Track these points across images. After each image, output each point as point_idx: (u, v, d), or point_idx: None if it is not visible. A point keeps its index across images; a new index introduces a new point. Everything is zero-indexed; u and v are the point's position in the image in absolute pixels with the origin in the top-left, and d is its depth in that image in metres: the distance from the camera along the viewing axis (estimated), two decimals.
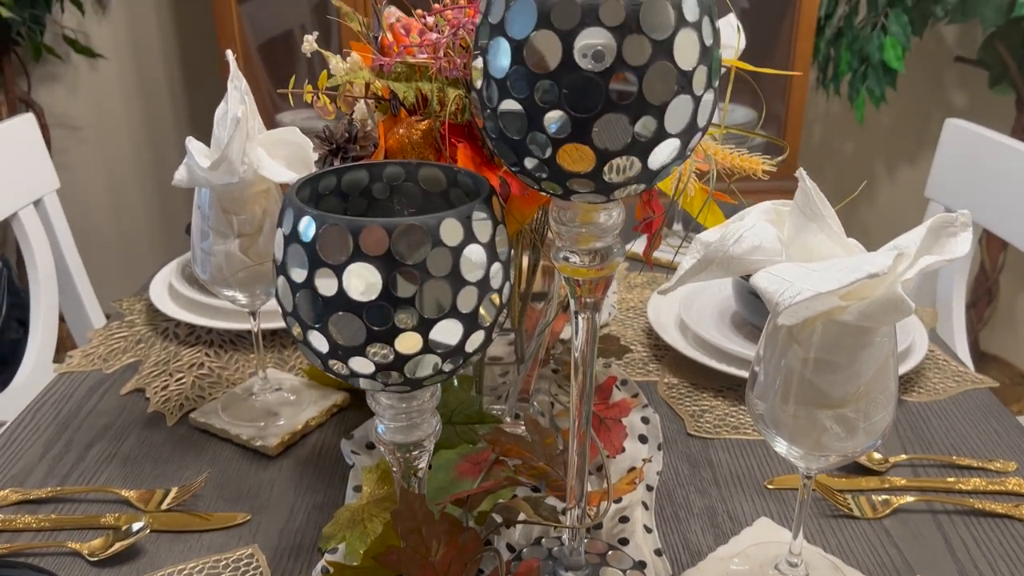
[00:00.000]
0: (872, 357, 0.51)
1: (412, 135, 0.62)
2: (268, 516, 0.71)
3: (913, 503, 0.72)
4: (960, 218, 0.50)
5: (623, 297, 1.12)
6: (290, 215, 0.45)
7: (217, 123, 0.72)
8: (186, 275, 1.08)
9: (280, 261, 0.46)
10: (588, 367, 0.56)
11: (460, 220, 0.45)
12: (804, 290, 0.46)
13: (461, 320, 0.46)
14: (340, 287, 0.44)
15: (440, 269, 0.44)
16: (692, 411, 0.86)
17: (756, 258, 0.50)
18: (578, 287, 0.53)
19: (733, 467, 0.77)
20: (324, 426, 0.84)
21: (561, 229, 0.52)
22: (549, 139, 0.43)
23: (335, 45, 1.88)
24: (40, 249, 1.21)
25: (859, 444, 0.53)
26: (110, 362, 0.95)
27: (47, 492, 0.73)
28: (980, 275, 2.13)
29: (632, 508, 0.70)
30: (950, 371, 0.93)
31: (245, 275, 0.75)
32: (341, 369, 0.47)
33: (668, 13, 0.41)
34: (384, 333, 0.45)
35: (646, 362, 0.96)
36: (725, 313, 1.02)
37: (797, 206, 0.51)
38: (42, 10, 1.97)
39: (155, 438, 0.82)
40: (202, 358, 0.96)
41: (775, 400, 0.54)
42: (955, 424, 0.84)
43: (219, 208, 0.73)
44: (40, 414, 0.85)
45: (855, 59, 1.83)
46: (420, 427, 0.54)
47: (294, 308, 0.46)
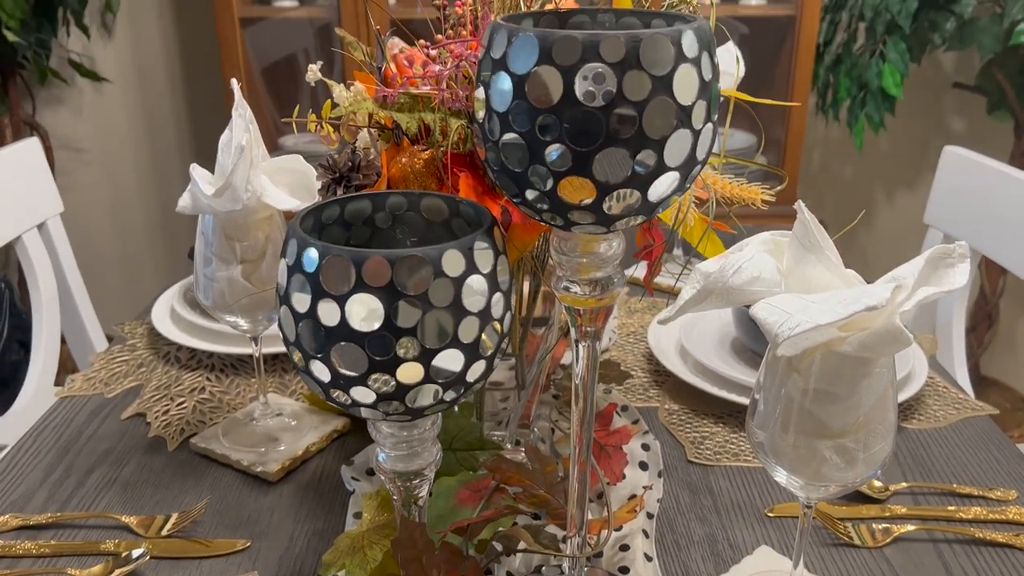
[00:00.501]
0: (871, 388, 0.51)
1: (415, 164, 0.63)
2: (268, 542, 0.71)
3: (914, 532, 0.72)
4: (958, 249, 0.51)
5: (624, 322, 1.12)
6: (294, 245, 0.46)
7: (221, 150, 0.73)
8: (188, 299, 1.08)
9: (284, 290, 0.47)
10: (588, 394, 0.57)
11: (462, 251, 0.45)
12: (803, 322, 0.46)
13: (462, 350, 0.46)
14: (343, 317, 0.44)
15: (442, 299, 0.45)
16: (692, 438, 0.86)
17: (755, 289, 0.50)
18: (579, 316, 0.53)
19: (733, 495, 0.77)
20: (324, 452, 0.84)
21: (562, 259, 0.52)
22: (550, 171, 0.44)
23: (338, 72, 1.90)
24: (43, 272, 1.22)
25: (859, 474, 0.53)
26: (111, 386, 0.95)
27: (47, 518, 0.73)
28: (980, 300, 2.14)
29: (632, 536, 0.70)
30: (950, 398, 0.93)
31: (247, 301, 0.75)
32: (343, 398, 0.47)
33: (668, 49, 0.42)
34: (386, 363, 0.45)
35: (647, 388, 0.96)
36: (725, 339, 1.02)
37: (796, 237, 0.51)
38: (48, 34, 1.99)
39: (156, 463, 0.82)
40: (203, 382, 0.96)
41: (775, 429, 0.54)
42: (955, 452, 0.84)
43: (222, 234, 0.74)
44: (41, 438, 0.85)
45: (854, 85, 1.85)
46: (421, 456, 0.55)
47: (297, 337, 0.47)
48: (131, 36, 2.19)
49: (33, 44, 1.93)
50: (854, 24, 1.94)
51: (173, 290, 1.11)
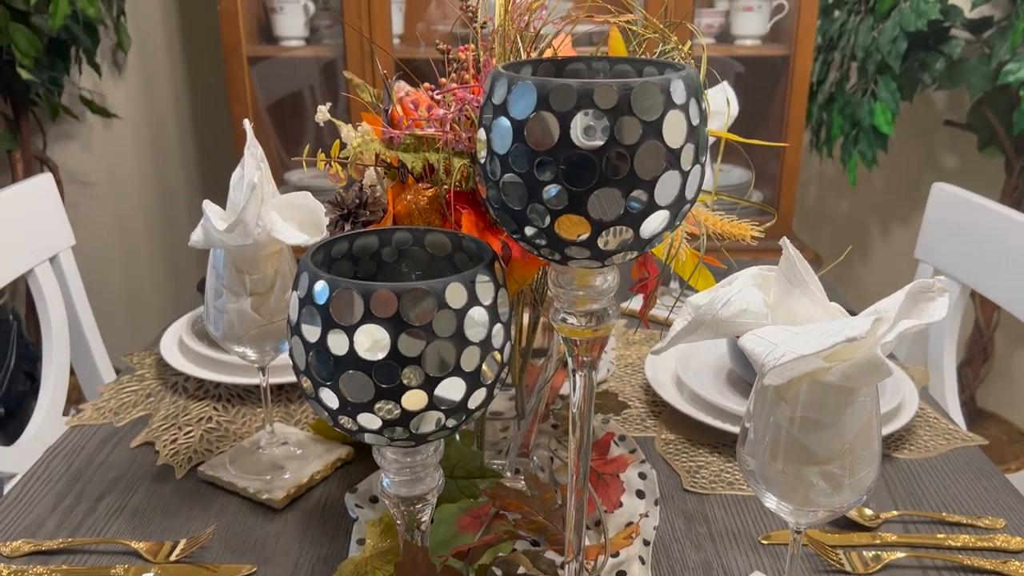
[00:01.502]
0: (856, 416, 0.53)
1: (419, 201, 0.66)
2: (273, 569, 0.73)
3: (903, 559, 0.73)
4: (937, 284, 0.53)
5: (621, 354, 1.15)
6: (305, 279, 0.48)
7: (233, 187, 0.76)
8: (196, 330, 1.11)
9: (295, 322, 0.49)
10: (586, 423, 0.59)
11: (464, 284, 0.48)
12: (788, 352, 0.48)
13: (464, 378, 0.49)
14: (351, 347, 0.47)
15: (445, 330, 0.47)
16: (688, 467, 0.88)
17: (743, 320, 0.53)
18: (576, 346, 0.56)
19: (728, 523, 0.79)
20: (329, 480, 0.86)
21: (559, 292, 0.55)
22: (547, 209, 0.47)
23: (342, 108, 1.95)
24: (54, 304, 1.25)
25: (845, 500, 0.55)
26: (120, 415, 0.97)
27: (58, 543, 0.75)
28: (975, 333, 2.16)
29: (629, 563, 0.72)
30: (940, 429, 0.95)
31: (256, 332, 0.78)
32: (350, 424, 0.50)
33: (657, 97, 0.45)
34: (391, 390, 0.47)
35: (644, 418, 0.98)
36: (721, 371, 1.04)
37: (782, 272, 0.54)
38: (60, 72, 2.03)
39: (164, 491, 0.84)
40: (210, 412, 0.98)
41: (764, 457, 0.56)
42: (945, 481, 0.86)
43: (233, 268, 0.76)
44: (52, 466, 0.88)
45: (847, 123, 1.89)
46: (424, 481, 0.57)
47: (307, 366, 0.49)
48: (141, 74, 2.25)
49: (46, 82, 1.98)
50: (846, 64, 1.99)
51: (181, 321, 1.13)
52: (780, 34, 1.92)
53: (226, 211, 0.76)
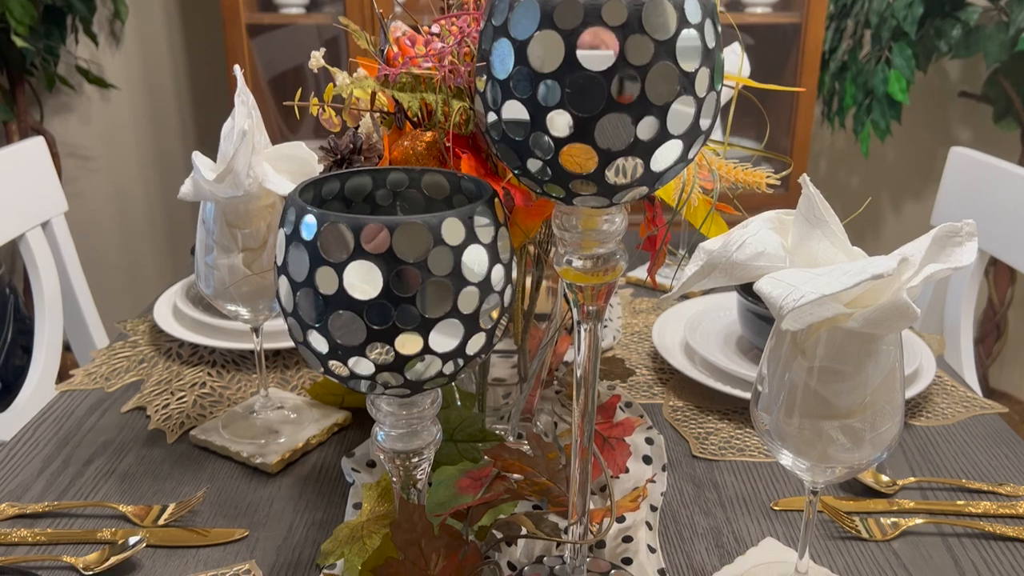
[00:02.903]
0: (878, 366, 0.50)
1: (417, 147, 0.62)
2: (266, 532, 0.70)
3: (922, 525, 0.70)
4: (965, 227, 0.50)
5: (628, 322, 1.12)
6: (292, 214, 0.45)
7: (224, 138, 0.73)
8: (191, 296, 1.08)
9: (281, 261, 0.46)
10: (591, 379, 0.56)
11: (462, 220, 0.45)
12: (808, 293, 0.45)
13: (462, 321, 0.46)
14: (341, 285, 0.44)
15: (441, 268, 0.44)
16: (697, 433, 0.85)
17: (759, 264, 0.50)
18: (580, 293, 0.53)
19: (739, 488, 0.76)
20: (325, 444, 0.83)
21: (564, 235, 0.52)
22: (551, 140, 0.44)
23: None
24: (46, 271, 1.22)
25: (865, 456, 0.52)
26: (112, 381, 0.95)
27: (44, 507, 0.72)
28: (988, 310, 2.12)
29: (636, 528, 0.69)
30: (958, 396, 0.92)
31: (248, 289, 0.75)
32: (341, 370, 0.47)
33: (671, 14, 0.42)
34: (384, 333, 0.44)
35: (650, 385, 0.95)
36: (731, 337, 1.01)
37: (801, 213, 0.51)
38: (57, 41, 2.00)
39: (154, 455, 0.81)
40: (204, 377, 0.95)
41: (780, 413, 0.53)
42: (964, 449, 0.82)
43: (223, 222, 0.73)
44: (40, 431, 0.85)
45: (860, 92, 1.85)
46: (420, 435, 0.54)
47: (294, 308, 0.46)
48: (139, 44, 2.21)
49: (42, 51, 1.95)
50: (859, 31, 1.94)
51: (176, 287, 1.10)
52: (791, 1, 1.87)
53: (216, 163, 0.73)
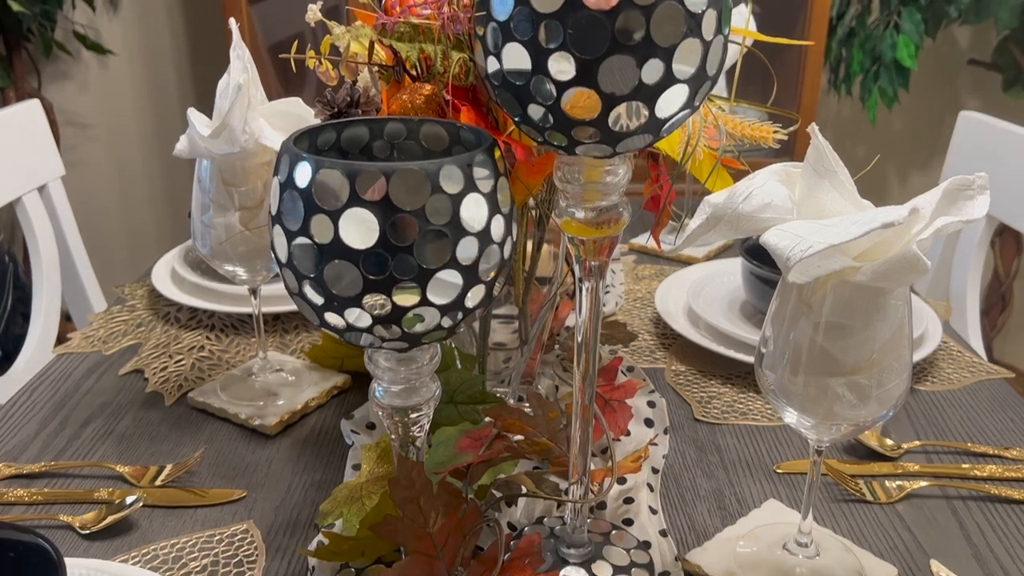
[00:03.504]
0: (886, 322, 0.49)
1: (415, 100, 0.61)
2: (264, 493, 0.70)
3: (927, 488, 0.70)
4: (978, 180, 0.49)
5: (630, 288, 1.11)
6: (286, 161, 0.44)
7: (219, 94, 0.71)
8: (189, 260, 1.07)
9: (276, 210, 0.45)
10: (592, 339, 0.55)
11: (460, 167, 0.43)
12: (816, 244, 0.44)
13: (461, 271, 0.45)
14: (336, 234, 0.43)
15: (439, 217, 0.43)
16: (700, 397, 0.84)
17: (766, 216, 0.48)
18: (582, 247, 0.51)
19: (741, 452, 0.75)
20: (324, 407, 0.82)
21: (566, 187, 0.50)
22: (554, 83, 0.42)
23: None
24: (43, 235, 1.21)
25: (871, 413, 0.51)
26: (109, 344, 0.94)
27: (41, 467, 0.72)
28: (994, 281, 2.11)
29: (637, 489, 0.69)
30: (964, 362, 0.91)
31: (245, 249, 0.74)
32: (337, 322, 0.46)
33: None
34: (381, 283, 0.43)
35: (652, 350, 0.94)
36: (734, 302, 1.00)
37: (809, 163, 0.49)
38: (53, 5, 1.97)
39: (152, 417, 0.80)
40: (203, 341, 0.94)
41: (785, 370, 0.52)
42: (970, 413, 0.82)
43: (219, 180, 0.72)
44: (37, 393, 0.84)
45: (867, 59, 1.82)
46: (419, 391, 0.53)
47: (289, 258, 0.45)
48: (137, 9, 2.18)
49: (38, 16, 1.92)
50: None
51: (174, 252, 1.09)
52: None
53: (212, 119, 0.72)
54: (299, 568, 0.62)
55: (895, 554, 0.63)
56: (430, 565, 0.55)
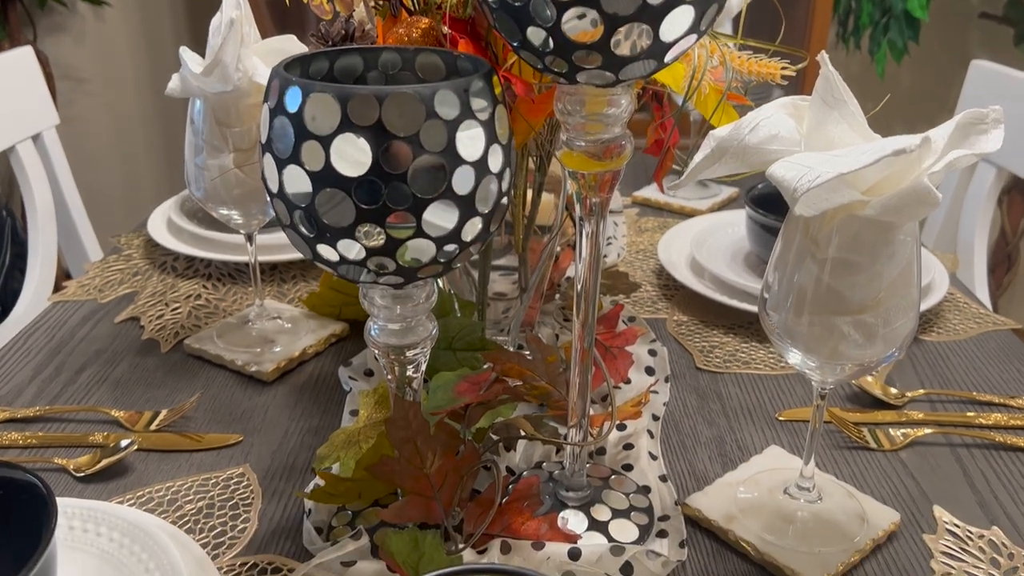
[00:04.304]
0: (894, 258, 0.48)
1: (412, 34, 0.59)
2: (261, 439, 0.69)
3: (931, 436, 0.69)
4: (992, 114, 0.47)
5: (632, 240, 1.09)
6: (276, 86, 0.43)
7: (212, 33, 0.69)
8: (185, 210, 1.05)
9: (266, 138, 0.44)
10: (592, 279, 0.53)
11: (457, 93, 0.42)
12: (825, 173, 0.42)
13: (457, 203, 0.43)
14: (327, 161, 0.41)
15: (434, 144, 0.42)
16: (701, 347, 0.83)
17: (773, 148, 0.47)
18: (583, 181, 0.50)
19: (743, 400, 0.75)
20: (322, 355, 0.81)
21: (567, 119, 0.49)
22: (554, 4, 0.40)
23: None
24: (38, 185, 1.19)
25: (877, 352, 0.50)
26: (105, 292, 0.93)
27: (35, 411, 0.71)
28: (1000, 240, 2.09)
29: (637, 436, 0.68)
30: (971, 313, 0.90)
31: (240, 192, 0.72)
32: (330, 255, 0.45)
33: None
34: (374, 212, 0.42)
35: (654, 301, 0.93)
36: (738, 254, 0.99)
37: (818, 94, 0.48)
38: None
39: (148, 364, 0.79)
40: (199, 290, 0.93)
41: (790, 311, 0.51)
42: (975, 363, 0.80)
43: (213, 120, 0.70)
44: (32, 339, 0.83)
45: (877, 11, 1.78)
46: (415, 330, 0.52)
47: (280, 187, 0.43)
48: None
49: None
50: None
51: (170, 202, 1.08)
52: None
53: (205, 57, 0.70)
54: (296, 511, 0.61)
55: (898, 500, 0.62)
56: (427, 506, 0.54)
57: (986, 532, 0.59)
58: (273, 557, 0.56)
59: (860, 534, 0.57)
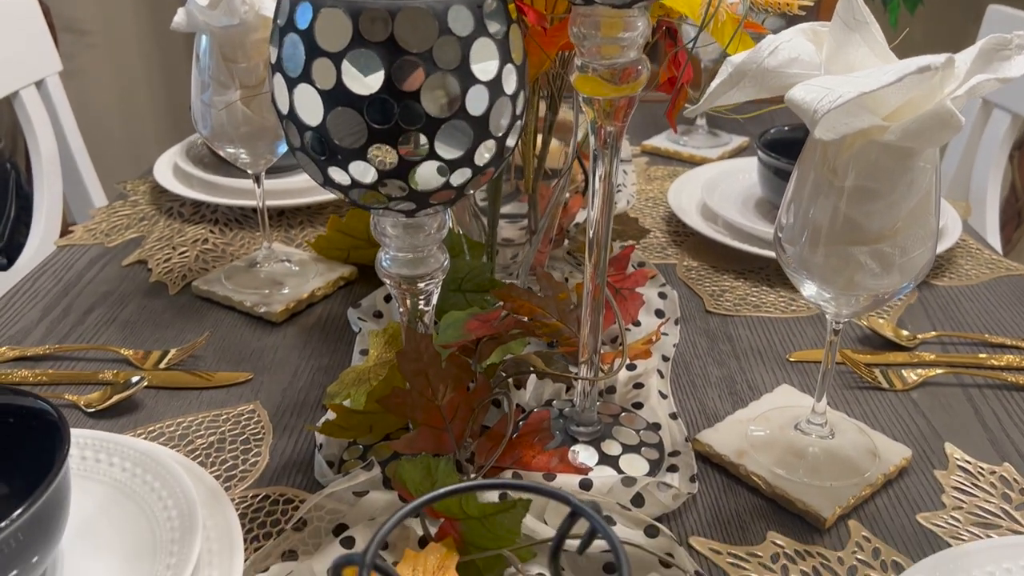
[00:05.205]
0: (913, 185, 0.47)
1: None
2: (271, 377, 0.69)
3: (942, 376, 0.69)
4: (1016, 39, 0.46)
5: (642, 188, 1.08)
6: (286, 3, 0.42)
7: None
8: (192, 156, 1.05)
9: (276, 57, 0.43)
10: (606, 208, 0.53)
11: (471, 8, 0.41)
12: (846, 93, 0.42)
13: (470, 123, 0.42)
14: (339, 79, 0.40)
15: (448, 61, 0.41)
16: (712, 291, 0.83)
17: (793, 71, 0.46)
18: (597, 109, 0.49)
19: (753, 342, 0.74)
20: (330, 298, 0.81)
21: (582, 44, 0.48)
22: None
23: None
24: (42, 131, 1.18)
25: (894, 283, 0.50)
26: (112, 237, 0.92)
27: (44, 350, 0.71)
28: (1010, 196, 2.07)
29: (647, 375, 0.68)
30: (983, 259, 0.89)
31: (247, 130, 0.72)
32: (341, 179, 0.44)
33: None
34: (386, 132, 0.41)
35: (664, 247, 0.92)
36: (749, 200, 0.98)
37: (839, 17, 0.46)
38: None
39: (156, 306, 0.79)
40: (207, 234, 0.93)
41: (806, 242, 0.51)
42: (988, 307, 0.80)
43: (219, 56, 0.69)
44: (40, 282, 0.83)
45: None
46: (426, 261, 0.51)
47: (291, 108, 0.43)
48: None
49: None
50: None
51: (175, 148, 1.07)
52: None
53: None
54: (307, 447, 0.61)
55: (909, 438, 0.62)
56: (438, 437, 0.54)
57: (997, 468, 0.59)
58: (285, 489, 0.57)
59: (871, 469, 0.57)
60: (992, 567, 0.47)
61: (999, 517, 0.54)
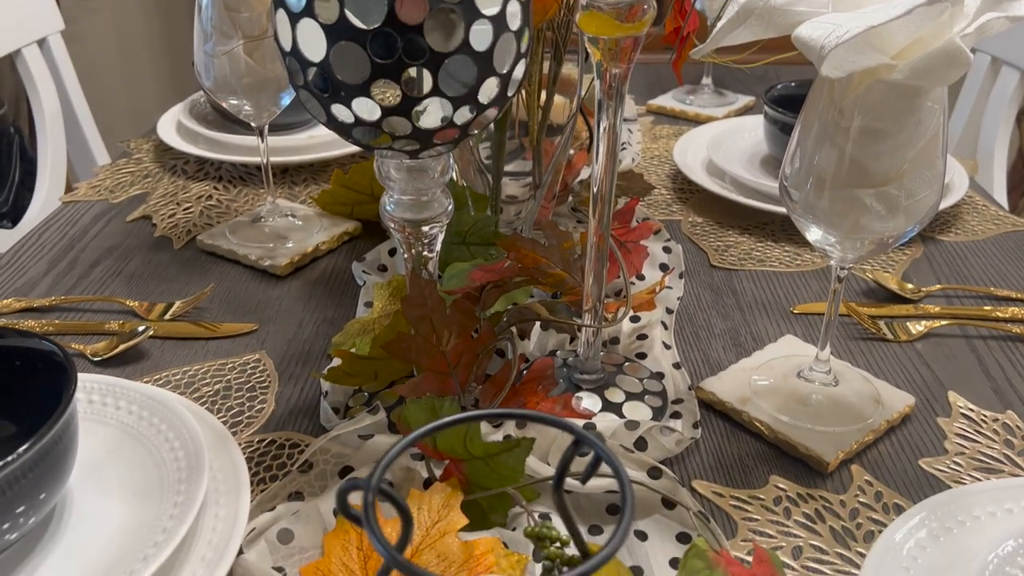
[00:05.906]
0: (921, 125, 0.47)
1: None
2: (276, 327, 0.69)
3: (947, 327, 0.69)
4: None
5: (647, 147, 1.08)
6: None
7: None
8: (195, 113, 1.04)
9: None
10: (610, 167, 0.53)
11: None
12: (853, 28, 0.41)
13: (474, 59, 0.42)
14: (342, 12, 0.40)
15: None
16: (716, 246, 0.83)
17: (800, 8, 0.45)
18: (603, 47, 0.49)
19: (757, 295, 0.74)
20: (335, 252, 0.81)
21: None
22: None
23: None
24: (45, 90, 1.18)
25: (899, 226, 0.49)
26: (116, 193, 0.92)
27: (51, 301, 0.71)
28: (1018, 161, 2.05)
29: (651, 327, 0.68)
30: (989, 215, 0.89)
31: (250, 81, 0.71)
32: (345, 116, 0.44)
33: None
34: (390, 67, 0.41)
35: (669, 203, 0.92)
36: (755, 157, 0.97)
37: None
38: None
39: (161, 259, 0.79)
40: (211, 191, 0.93)
41: (811, 186, 0.50)
42: (993, 261, 0.80)
43: (221, 5, 0.69)
44: (45, 236, 0.83)
45: None
46: (430, 206, 0.51)
47: (294, 44, 0.42)
48: None
49: None
50: None
51: (179, 106, 1.07)
52: None
53: None
54: (313, 394, 0.61)
55: (913, 387, 0.62)
56: (443, 383, 0.54)
57: (1000, 416, 0.59)
58: (291, 434, 0.57)
59: (874, 415, 0.57)
60: (994, 507, 0.48)
61: (1001, 462, 0.55)
